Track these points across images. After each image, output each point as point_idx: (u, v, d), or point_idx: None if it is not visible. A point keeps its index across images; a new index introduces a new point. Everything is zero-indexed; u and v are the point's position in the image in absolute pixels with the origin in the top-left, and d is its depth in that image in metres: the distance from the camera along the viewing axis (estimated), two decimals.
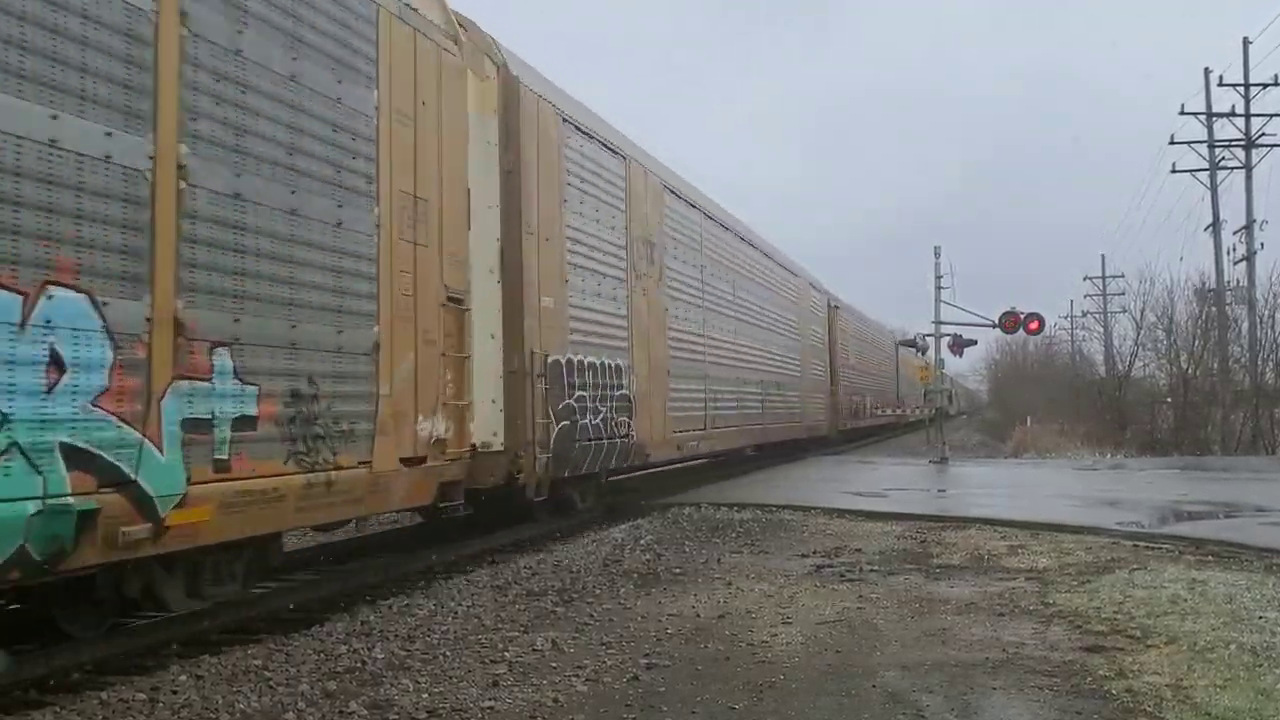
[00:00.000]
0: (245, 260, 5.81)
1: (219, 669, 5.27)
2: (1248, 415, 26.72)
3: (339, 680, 5.09)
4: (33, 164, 4.56)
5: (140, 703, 4.69)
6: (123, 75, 5.02)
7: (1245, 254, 27.24)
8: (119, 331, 4.95)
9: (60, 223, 4.67)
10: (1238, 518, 11.26)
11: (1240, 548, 8.75)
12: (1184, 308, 30.99)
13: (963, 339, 24.61)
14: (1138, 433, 30.01)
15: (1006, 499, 13.66)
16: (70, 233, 4.72)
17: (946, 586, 7.41)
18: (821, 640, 5.83)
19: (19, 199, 4.49)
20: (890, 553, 9.08)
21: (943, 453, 23.08)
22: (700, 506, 12.44)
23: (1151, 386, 33.42)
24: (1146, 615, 6.19)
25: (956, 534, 10.14)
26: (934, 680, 4.96)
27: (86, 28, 4.84)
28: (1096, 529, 10.08)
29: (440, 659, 5.47)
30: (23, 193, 4.51)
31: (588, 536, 10.36)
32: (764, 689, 4.88)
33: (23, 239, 4.50)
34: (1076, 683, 4.86)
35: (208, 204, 5.57)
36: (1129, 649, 5.45)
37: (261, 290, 5.94)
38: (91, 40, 4.86)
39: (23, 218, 4.50)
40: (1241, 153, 27.49)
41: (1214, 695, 4.58)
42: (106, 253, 4.90)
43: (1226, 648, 5.35)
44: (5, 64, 4.44)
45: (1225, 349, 28.28)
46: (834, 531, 10.58)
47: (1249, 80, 26.90)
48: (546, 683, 5.00)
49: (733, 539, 10.12)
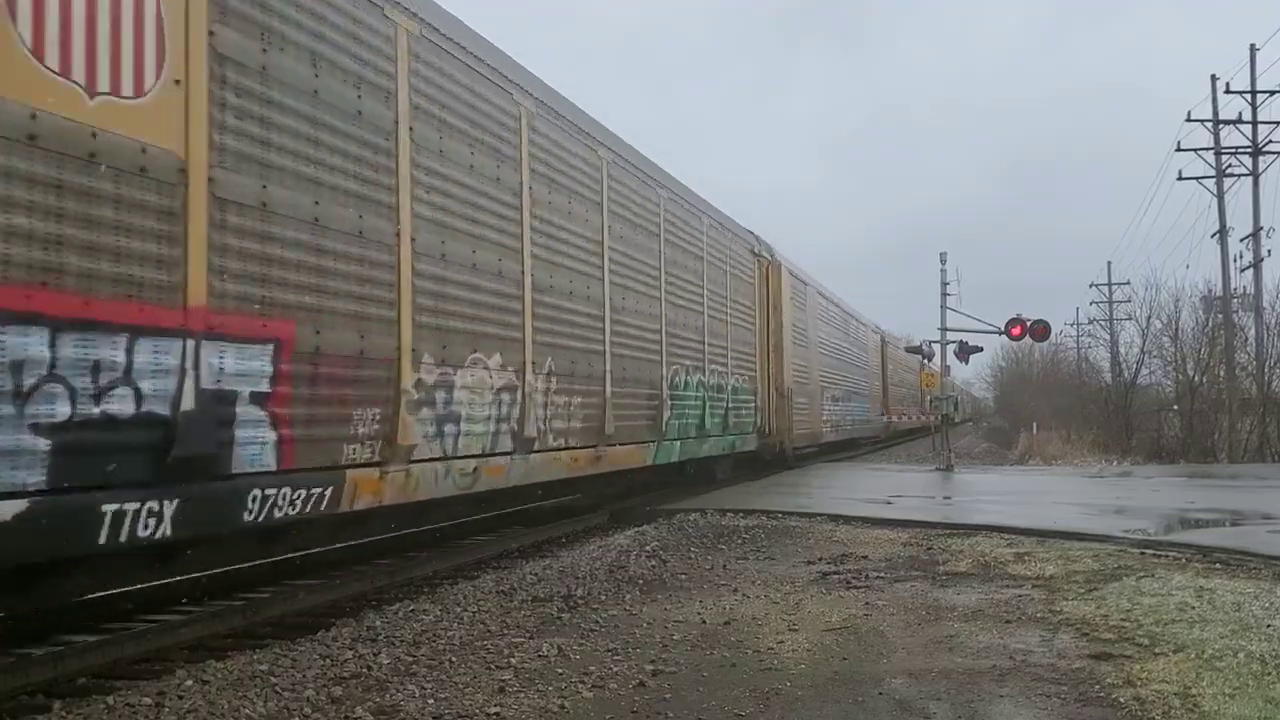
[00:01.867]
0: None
1: (225, 674, 5.26)
2: (1254, 423, 26.66)
3: (345, 686, 5.08)
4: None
5: (146, 707, 4.69)
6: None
7: (1252, 261, 27.21)
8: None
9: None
10: (1245, 525, 11.22)
11: (1248, 555, 8.72)
12: (1190, 315, 30.99)
13: (969, 346, 24.59)
14: (1144, 440, 29.98)
15: (1013, 506, 13.62)
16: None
17: (953, 594, 7.39)
18: (828, 647, 5.81)
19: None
20: (896, 560, 9.06)
21: (948, 460, 23.04)
22: (705, 513, 12.42)
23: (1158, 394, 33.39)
24: (1154, 623, 6.16)
25: (963, 541, 10.11)
26: (941, 687, 4.94)
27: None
28: (1103, 536, 10.04)
29: (446, 665, 5.47)
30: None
31: (593, 543, 10.35)
32: (770, 696, 4.87)
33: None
34: (1084, 690, 4.84)
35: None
36: (1137, 657, 5.42)
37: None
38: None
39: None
40: (1249, 160, 27.48)
41: (1222, 704, 4.56)
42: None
43: (1235, 656, 5.33)
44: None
45: (1232, 356, 28.25)
46: (840, 538, 10.56)
47: (1256, 87, 26.91)
48: (552, 689, 5.00)
49: (738, 545, 10.11)
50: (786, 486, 17.25)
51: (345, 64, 6.63)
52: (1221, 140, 27.98)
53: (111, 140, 4.89)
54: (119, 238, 4.91)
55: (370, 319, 6.80)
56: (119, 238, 4.91)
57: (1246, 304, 28.27)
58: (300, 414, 6.11)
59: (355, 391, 6.63)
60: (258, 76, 5.86)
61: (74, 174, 4.71)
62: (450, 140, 7.92)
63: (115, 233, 4.90)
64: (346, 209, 6.62)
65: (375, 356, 6.85)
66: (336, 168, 6.55)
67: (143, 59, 5.05)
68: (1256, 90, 26.89)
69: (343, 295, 6.52)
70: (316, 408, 6.27)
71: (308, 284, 6.20)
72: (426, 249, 7.49)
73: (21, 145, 4.47)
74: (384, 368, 6.91)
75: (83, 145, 4.76)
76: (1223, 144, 27.95)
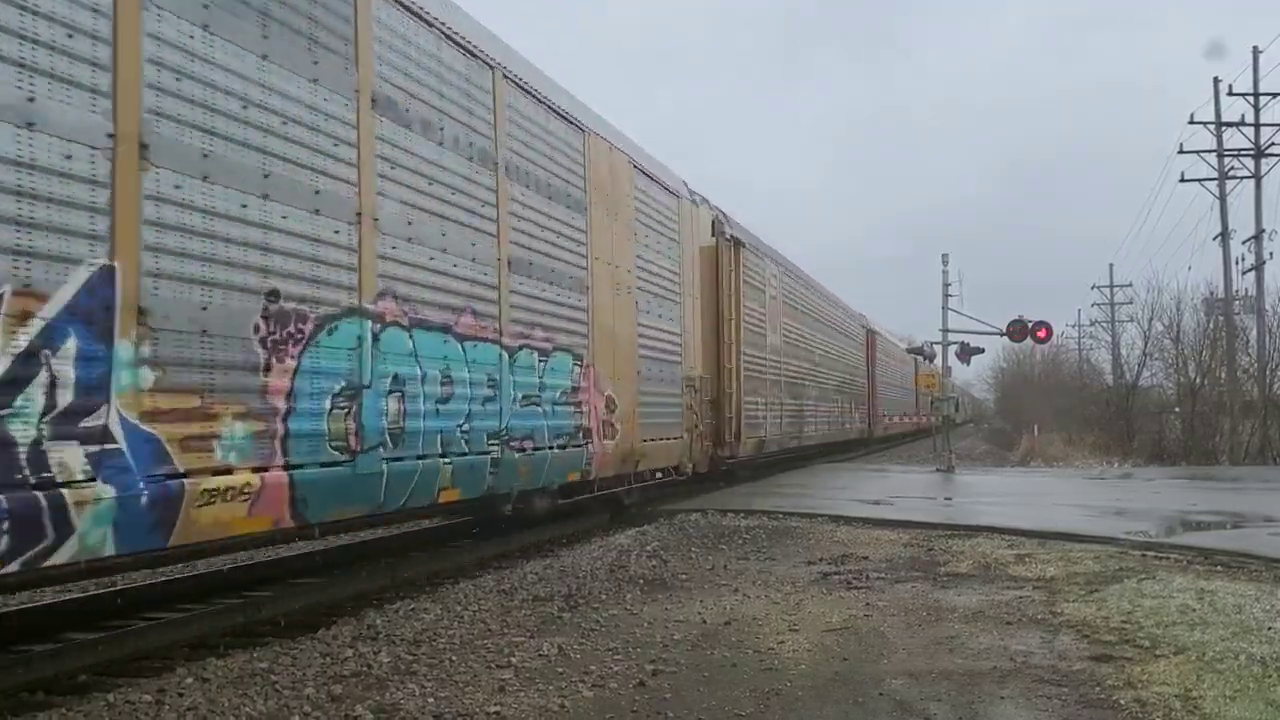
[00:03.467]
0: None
1: (225, 672, 5.26)
2: (1256, 425, 26.64)
3: (345, 684, 5.08)
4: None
5: (146, 705, 4.69)
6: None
7: (1254, 263, 27.18)
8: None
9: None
10: (1246, 527, 11.21)
11: (1249, 558, 8.71)
12: (1192, 317, 30.97)
13: (970, 347, 24.57)
14: (1145, 442, 29.95)
15: (1013, 507, 13.62)
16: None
17: (954, 595, 7.38)
18: (828, 648, 5.81)
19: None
20: (897, 561, 9.05)
21: (949, 461, 23.03)
22: (706, 513, 12.42)
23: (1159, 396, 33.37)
24: (1155, 625, 6.16)
25: (964, 542, 10.10)
26: (941, 689, 4.94)
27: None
28: (1105, 538, 10.04)
29: (446, 664, 5.47)
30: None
31: (594, 542, 10.35)
32: (770, 696, 4.86)
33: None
34: (1085, 692, 4.83)
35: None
36: (1137, 659, 5.42)
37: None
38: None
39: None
40: (1251, 162, 27.44)
41: (1223, 706, 4.55)
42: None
43: (1236, 658, 5.32)
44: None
45: (1233, 359, 28.22)
46: (841, 539, 10.56)
47: (1258, 89, 26.87)
48: (553, 688, 5.00)
49: (739, 546, 10.10)
50: (788, 488, 17.25)
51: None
52: (1224, 142, 27.97)
53: None
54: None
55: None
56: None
57: (1248, 306, 28.23)
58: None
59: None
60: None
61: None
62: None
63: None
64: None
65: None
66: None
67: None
68: (1259, 93, 26.88)
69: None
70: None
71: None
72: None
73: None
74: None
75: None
76: (1225, 146, 27.94)
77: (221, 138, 5.52)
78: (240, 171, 5.63)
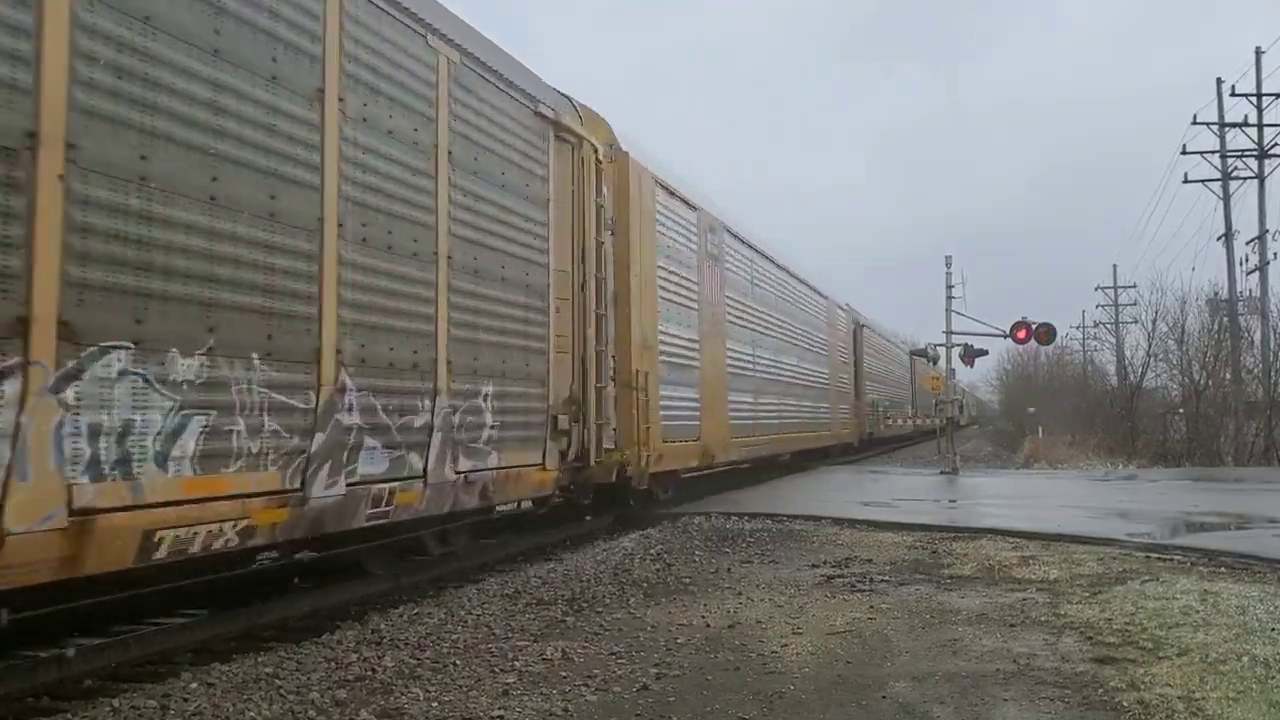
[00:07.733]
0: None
1: (230, 677, 5.28)
2: (1260, 426, 26.58)
3: (349, 688, 5.10)
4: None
5: (152, 710, 4.71)
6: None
7: (1258, 264, 27.15)
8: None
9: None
10: (1250, 529, 11.20)
11: (1253, 559, 8.70)
12: (1196, 318, 30.92)
13: (974, 349, 24.56)
14: (1149, 444, 29.88)
15: (1017, 509, 13.60)
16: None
17: (957, 597, 7.38)
18: (832, 651, 5.81)
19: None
20: (901, 563, 9.05)
21: (954, 463, 23.01)
22: (710, 516, 12.43)
23: (1164, 397, 33.30)
24: (1158, 627, 6.16)
25: (967, 544, 10.10)
26: (945, 691, 4.94)
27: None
28: (1108, 540, 10.03)
29: (450, 668, 5.48)
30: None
31: (597, 546, 10.36)
32: (774, 699, 4.87)
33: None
34: (1088, 694, 4.84)
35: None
36: (1141, 660, 5.42)
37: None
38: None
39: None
40: (1254, 163, 27.41)
41: (1226, 708, 4.55)
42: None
43: (1239, 660, 5.32)
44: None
45: (1238, 360, 28.15)
46: (844, 541, 10.56)
47: (1261, 90, 26.85)
48: (556, 692, 5.01)
49: (743, 549, 10.10)
50: (790, 490, 17.25)
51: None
52: (1227, 143, 27.95)
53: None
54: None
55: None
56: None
57: (1252, 307, 28.20)
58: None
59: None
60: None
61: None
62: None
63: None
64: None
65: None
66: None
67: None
68: (1262, 94, 26.85)
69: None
70: None
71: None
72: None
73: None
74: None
75: None
76: (1228, 147, 27.91)
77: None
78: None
